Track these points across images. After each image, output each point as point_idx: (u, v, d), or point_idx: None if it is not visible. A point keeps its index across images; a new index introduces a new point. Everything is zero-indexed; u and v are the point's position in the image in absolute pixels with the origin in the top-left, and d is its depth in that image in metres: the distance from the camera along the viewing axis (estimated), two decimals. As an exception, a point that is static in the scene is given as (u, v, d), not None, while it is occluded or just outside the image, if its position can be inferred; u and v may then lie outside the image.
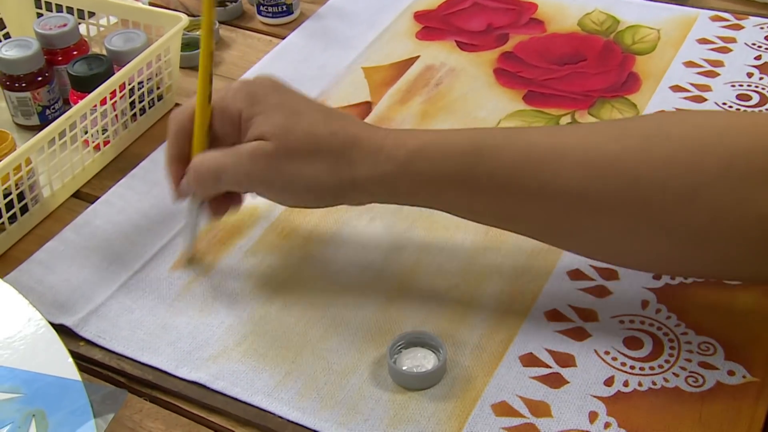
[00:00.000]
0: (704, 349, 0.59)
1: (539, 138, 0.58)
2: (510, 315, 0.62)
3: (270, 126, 0.59)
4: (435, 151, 0.58)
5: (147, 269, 0.67)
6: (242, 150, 0.60)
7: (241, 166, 0.60)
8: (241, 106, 0.60)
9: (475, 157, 0.57)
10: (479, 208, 0.59)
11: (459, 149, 0.58)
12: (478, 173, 0.57)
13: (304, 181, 0.59)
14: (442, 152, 0.58)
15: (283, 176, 0.59)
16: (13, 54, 0.78)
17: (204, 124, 0.62)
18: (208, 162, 0.61)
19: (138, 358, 0.61)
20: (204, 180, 0.61)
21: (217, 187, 0.62)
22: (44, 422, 0.53)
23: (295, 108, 0.60)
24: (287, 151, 0.59)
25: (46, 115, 0.81)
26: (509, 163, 0.57)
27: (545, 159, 0.56)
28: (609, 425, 0.55)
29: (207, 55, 0.62)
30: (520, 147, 0.57)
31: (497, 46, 0.89)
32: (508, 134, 0.59)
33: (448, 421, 0.56)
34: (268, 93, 0.61)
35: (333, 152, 0.59)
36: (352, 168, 0.58)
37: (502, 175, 0.57)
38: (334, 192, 0.60)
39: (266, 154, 0.59)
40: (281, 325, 0.63)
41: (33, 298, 0.64)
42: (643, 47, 0.88)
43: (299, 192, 0.60)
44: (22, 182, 0.70)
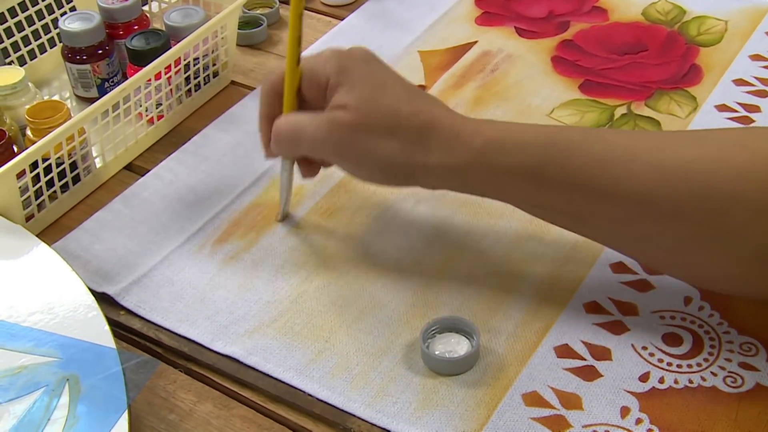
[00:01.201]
0: (746, 349, 0.58)
1: (615, 138, 0.57)
2: (548, 305, 0.62)
3: (353, 97, 0.59)
4: (510, 143, 0.57)
5: (191, 243, 0.68)
6: (322, 117, 0.60)
7: (318, 133, 0.60)
8: (329, 73, 0.61)
9: (549, 152, 0.56)
10: (549, 204, 0.58)
11: (534, 143, 0.57)
12: (551, 168, 0.56)
13: (376, 157, 0.59)
14: (517, 145, 0.57)
15: (357, 150, 0.59)
16: (75, 26, 0.80)
17: (293, 86, 0.62)
18: (288, 124, 0.62)
19: (175, 329, 0.62)
20: (283, 141, 0.63)
21: (295, 150, 0.63)
22: (77, 386, 0.54)
23: (382, 82, 0.60)
24: (366, 125, 0.59)
25: (105, 87, 0.82)
26: (583, 161, 0.56)
27: (619, 159, 0.55)
28: (641, 421, 0.54)
29: (296, 17, 0.62)
30: (595, 145, 0.56)
31: (557, 33, 0.88)
32: (584, 132, 0.58)
33: (477, 408, 0.56)
34: (358, 64, 0.61)
35: (410, 133, 0.58)
36: (427, 152, 0.58)
37: (574, 172, 0.56)
38: (405, 173, 0.60)
39: (344, 125, 0.59)
40: (318, 303, 0.63)
41: (78, 265, 0.66)
42: (708, 38, 0.86)
43: (370, 168, 0.60)
44: (74, 152, 0.71)
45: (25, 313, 0.58)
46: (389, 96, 0.59)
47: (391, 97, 0.59)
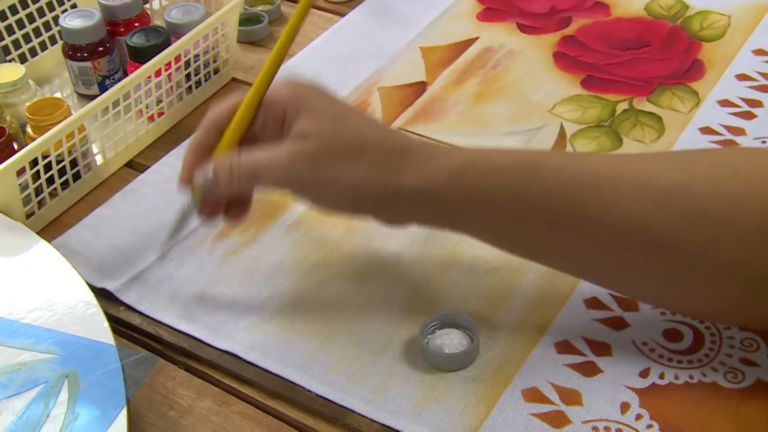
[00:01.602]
0: (747, 345, 0.58)
1: (600, 161, 0.55)
2: (548, 301, 0.61)
3: (315, 125, 0.56)
4: (489, 164, 0.54)
5: (191, 238, 0.68)
6: (283, 149, 0.56)
7: (279, 165, 0.56)
8: (287, 102, 0.57)
9: (531, 174, 0.54)
10: (529, 233, 0.55)
11: (514, 164, 0.54)
12: (533, 191, 0.53)
13: (344, 183, 0.55)
14: (497, 165, 0.54)
15: (323, 178, 0.55)
16: (75, 24, 0.80)
17: (246, 120, 0.59)
18: (247, 159, 0.57)
19: (175, 325, 0.62)
20: (241, 177, 0.57)
21: (254, 184, 0.58)
22: (76, 383, 0.54)
23: (342, 110, 0.57)
24: (330, 152, 0.55)
25: (106, 85, 0.82)
26: (567, 184, 0.53)
27: (606, 182, 0.53)
28: (641, 417, 0.54)
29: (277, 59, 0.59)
30: (580, 168, 0.54)
31: (559, 29, 0.88)
32: (567, 155, 0.56)
33: (477, 403, 0.56)
34: (315, 92, 0.58)
35: (380, 155, 0.55)
36: (399, 175, 0.55)
37: (559, 195, 0.53)
38: (375, 199, 0.56)
39: (307, 154, 0.55)
40: (318, 299, 0.63)
41: (78, 261, 0.65)
42: (711, 33, 0.85)
43: (337, 196, 0.56)
44: (75, 149, 0.71)
45: (25, 310, 0.58)
46: (352, 123, 0.56)
47: (355, 122, 0.56)
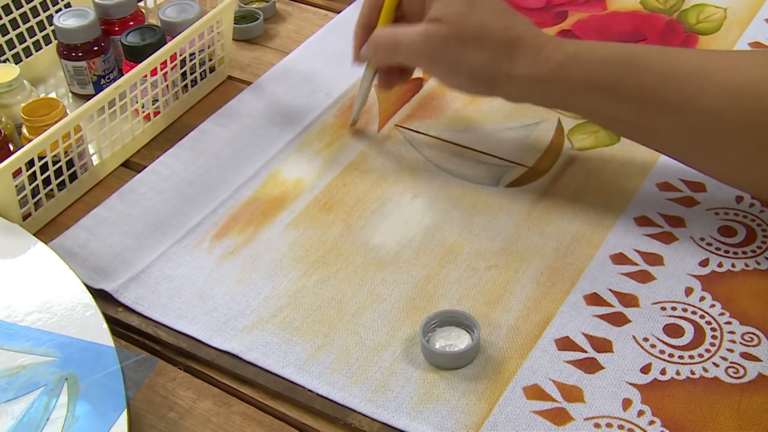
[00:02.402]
0: (748, 339, 0.57)
1: (690, 57, 0.61)
2: (548, 297, 0.61)
3: (449, 11, 0.64)
4: (589, 58, 0.61)
5: (188, 238, 0.68)
6: (419, 29, 0.66)
7: (415, 43, 0.66)
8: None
9: (626, 67, 0.60)
10: (623, 117, 0.62)
11: (612, 58, 0.61)
12: (626, 82, 0.60)
13: (467, 65, 0.64)
14: (595, 59, 0.61)
15: (450, 58, 0.65)
16: (70, 23, 0.79)
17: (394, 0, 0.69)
18: (388, 34, 0.68)
19: (174, 326, 0.62)
20: (381, 50, 0.69)
21: (391, 58, 0.69)
22: (76, 386, 0.53)
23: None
24: (458, 37, 0.64)
25: (101, 84, 0.82)
26: (657, 76, 0.60)
27: (691, 75, 0.59)
28: (643, 413, 0.54)
29: None
30: (670, 62, 0.60)
31: (555, 23, 0.87)
32: (661, 50, 0.62)
33: (478, 401, 0.55)
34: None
35: (498, 45, 0.63)
36: (512, 63, 0.63)
37: (648, 86, 0.60)
38: (490, 81, 0.64)
39: (438, 37, 0.65)
40: (317, 298, 0.63)
41: (76, 263, 0.65)
42: (707, 27, 0.85)
43: (459, 75, 0.66)
44: (71, 149, 0.71)
45: (23, 313, 0.58)
46: (480, 11, 0.64)
47: (481, 12, 0.64)
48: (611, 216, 0.67)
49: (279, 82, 0.83)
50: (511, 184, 0.70)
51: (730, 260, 0.62)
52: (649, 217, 0.66)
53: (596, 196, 0.68)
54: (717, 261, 0.62)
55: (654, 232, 0.65)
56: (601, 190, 0.69)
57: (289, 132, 0.77)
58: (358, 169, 0.73)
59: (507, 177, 0.71)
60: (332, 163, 0.74)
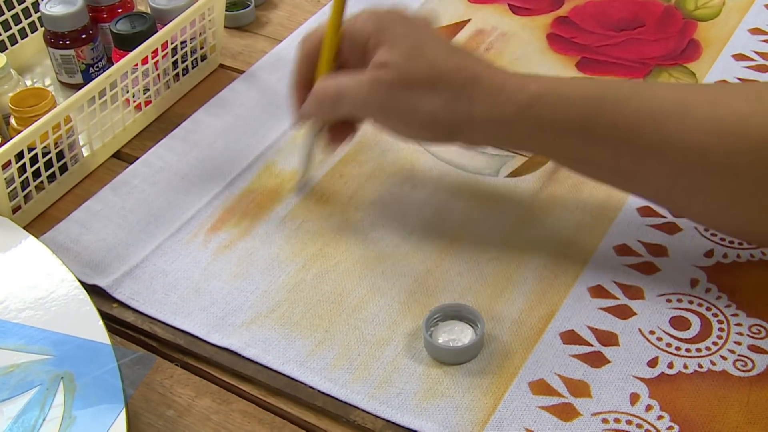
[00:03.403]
0: (755, 332, 0.57)
1: (666, 92, 0.57)
2: (552, 290, 0.60)
3: (394, 55, 0.59)
4: (557, 97, 0.57)
5: (183, 232, 0.66)
6: (363, 77, 0.60)
7: (360, 92, 0.60)
8: (369, 32, 0.61)
9: (598, 106, 0.56)
10: (596, 160, 0.58)
11: (582, 97, 0.56)
12: (599, 123, 0.56)
13: (420, 114, 0.59)
14: (563, 99, 0.57)
15: (400, 107, 0.59)
16: (57, 10, 0.77)
17: (332, 48, 0.62)
18: (329, 85, 0.62)
19: (170, 322, 0.60)
20: (324, 103, 0.62)
21: (336, 112, 0.63)
22: (72, 385, 0.52)
23: (421, 40, 0.60)
24: (407, 82, 0.58)
25: (90, 73, 0.80)
26: (633, 115, 0.55)
27: (671, 113, 0.55)
28: (651, 408, 0.53)
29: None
30: (646, 99, 0.56)
31: (552, 10, 0.86)
32: (634, 86, 0.58)
33: (483, 397, 0.54)
34: (397, 23, 0.61)
35: (453, 87, 0.58)
36: (471, 106, 0.58)
37: (624, 126, 0.55)
38: (449, 128, 0.59)
39: (386, 83, 0.59)
40: (316, 292, 0.61)
41: (68, 257, 0.64)
42: (706, 13, 0.84)
43: (414, 124, 0.60)
44: (61, 141, 0.69)
45: (15, 310, 0.56)
46: (430, 52, 0.59)
47: (431, 53, 0.59)
48: (613, 206, 0.66)
49: (272, 70, 0.81)
50: (511, 174, 0.69)
51: (735, 251, 0.62)
52: (652, 207, 0.65)
53: (597, 186, 0.67)
54: (722, 252, 0.62)
55: (657, 223, 0.64)
56: (597, 181, 0.68)
57: (283, 122, 0.75)
58: (354, 160, 0.72)
59: (507, 167, 0.69)
60: (328, 154, 0.72)
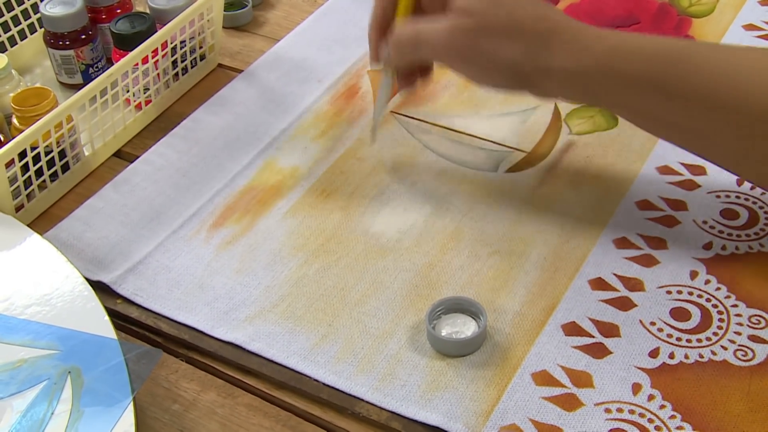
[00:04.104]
0: (755, 322, 0.57)
1: (745, 54, 0.57)
2: (553, 282, 0.61)
3: (475, 2, 0.59)
4: (635, 50, 0.57)
5: (185, 228, 0.67)
6: (444, 23, 0.60)
7: (441, 39, 0.60)
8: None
9: (675, 62, 0.56)
10: (669, 117, 0.57)
11: (660, 52, 0.56)
12: (675, 79, 0.56)
13: (499, 61, 0.59)
14: (641, 53, 0.57)
15: (480, 53, 0.59)
16: (57, 11, 0.78)
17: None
18: (410, 30, 0.62)
19: (174, 317, 0.61)
20: (403, 47, 0.62)
21: (414, 55, 0.63)
22: (80, 379, 0.52)
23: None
24: (488, 30, 0.59)
25: (90, 73, 0.80)
26: (708, 74, 0.55)
27: (749, 75, 0.55)
28: (653, 398, 0.54)
29: None
30: (724, 59, 0.56)
31: (547, 8, 0.87)
32: (713, 47, 0.59)
33: (486, 388, 0.55)
34: None
35: (533, 36, 0.58)
36: (550, 56, 0.58)
37: (700, 84, 0.55)
38: (526, 77, 0.59)
39: (467, 30, 0.59)
40: (319, 287, 0.62)
41: (72, 254, 0.64)
42: (700, 9, 0.85)
43: (492, 71, 0.60)
44: (63, 140, 0.69)
45: (22, 306, 0.57)
46: (509, 1, 0.59)
47: (510, 2, 0.59)
48: (612, 200, 0.66)
49: (270, 69, 0.82)
50: (511, 169, 0.70)
51: (734, 243, 0.62)
52: (651, 201, 0.66)
53: (596, 180, 0.68)
54: (720, 244, 0.62)
55: (656, 216, 0.65)
56: (601, 175, 0.68)
57: (282, 120, 0.76)
58: (354, 157, 0.72)
59: (506, 162, 0.70)
60: (328, 150, 0.73)
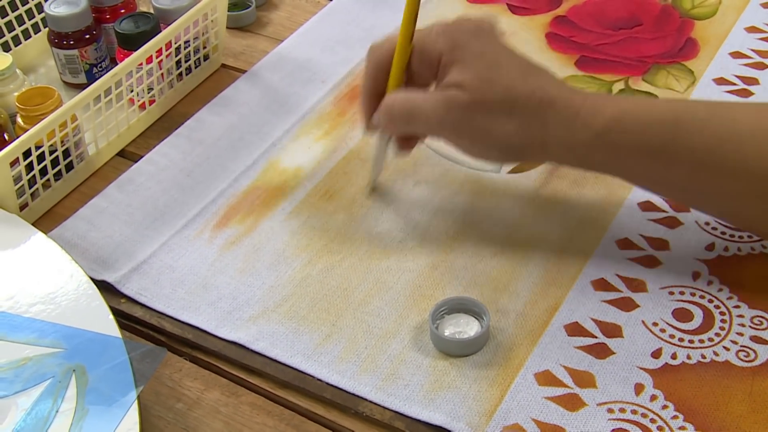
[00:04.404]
0: (757, 323, 0.58)
1: (744, 115, 0.56)
2: (556, 283, 0.61)
3: (468, 76, 0.58)
4: (633, 121, 0.56)
5: (189, 228, 0.67)
6: (437, 96, 0.59)
7: (434, 112, 0.59)
8: (441, 49, 0.60)
9: (675, 129, 0.56)
10: (671, 181, 0.58)
11: (659, 120, 0.56)
12: (677, 146, 0.55)
13: (493, 136, 0.58)
14: (641, 122, 0.56)
15: (475, 129, 0.59)
16: (61, 11, 0.78)
17: (403, 61, 0.62)
18: (402, 102, 0.61)
19: (178, 316, 0.61)
20: (396, 119, 0.62)
21: (407, 128, 0.63)
22: (84, 377, 0.53)
23: (496, 60, 0.59)
24: (483, 104, 0.58)
25: (93, 73, 0.80)
26: (711, 138, 0.55)
27: (749, 136, 0.55)
28: (655, 398, 0.54)
29: None
30: (723, 122, 0.56)
31: (550, 9, 0.87)
32: (710, 108, 0.57)
33: (489, 388, 0.55)
34: (470, 39, 0.60)
35: (528, 112, 0.58)
36: (546, 131, 0.57)
37: (702, 149, 0.55)
38: (522, 151, 0.59)
39: (461, 104, 0.58)
40: (322, 287, 0.62)
41: (76, 253, 0.64)
42: (702, 11, 0.85)
43: (486, 146, 0.60)
44: (67, 139, 0.70)
45: (26, 304, 0.57)
46: (505, 74, 0.58)
47: (506, 75, 0.58)
48: (614, 201, 0.66)
49: (274, 70, 0.82)
50: (514, 170, 0.70)
51: (736, 244, 0.62)
52: (653, 202, 0.66)
53: (598, 181, 0.68)
54: (723, 245, 0.62)
55: (658, 217, 0.65)
56: (604, 176, 0.68)
57: (286, 120, 0.76)
58: (358, 158, 0.72)
59: (509, 164, 0.70)
60: (332, 151, 0.73)
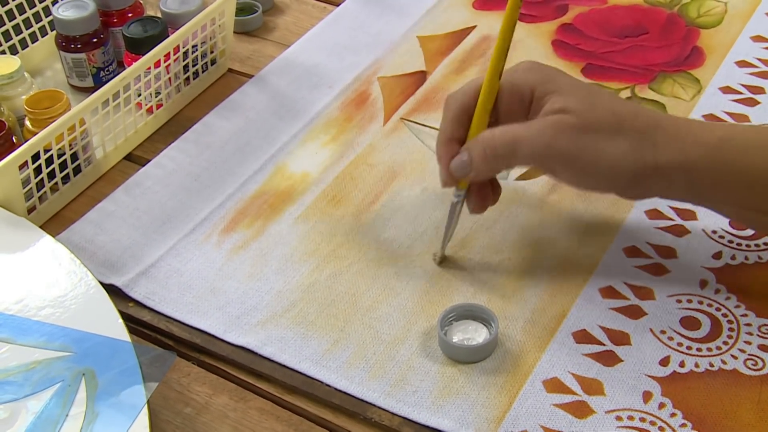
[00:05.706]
0: (765, 331, 0.58)
1: None
2: (563, 290, 0.61)
3: (571, 101, 0.57)
4: (747, 141, 0.55)
5: (197, 232, 0.67)
6: (543, 123, 0.57)
7: (541, 138, 0.57)
8: (533, 83, 0.59)
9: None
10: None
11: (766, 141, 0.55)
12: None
13: (605, 160, 0.56)
14: (751, 143, 0.55)
15: (584, 152, 0.56)
16: (69, 14, 0.78)
17: (490, 99, 0.59)
18: (502, 134, 0.58)
19: (186, 321, 0.61)
20: (498, 152, 0.58)
21: (510, 162, 0.59)
22: (94, 381, 0.53)
23: (592, 89, 0.59)
24: (591, 126, 0.56)
25: (101, 77, 0.81)
26: None
27: None
28: (663, 406, 0.54)
29: (508, 29, 0.59)
30: None
31: (556, 17, 0.87)
32: None
33: (498, 395, 0.55)
34: (560, 74, 0.59)
35: (636, 131, 0.56)
36: (656, 151, 0.56)
37: None
38: (633, 176, 0.56)
39: (570, 126, 0.56)
40: (330, 292, 0.62)
41: (83, 257, 0.64)
42: (708, 20, 0.85)
43: (594, 173, 0.57)
44: (75, 143, 0.70)
45: (35, 308, 0.57)
46: (605, 99, 0.58)
47: (607, 99, 0.58)
48: (622, 209, 0.67)
49: (281, 74, 0.82)
50: (521, 177, 0.70)
51: (743, 253, 0.63)
52: (660, 210, 0.66)
53: (606, 189, 0.68)
54: (730, 254, 0.63)
55: (666, 225, 0.65)
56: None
57: (293, 125, 0.76)
58: (365, 163, 0.72)
59: (516, 170, 0.70)
60: (339, 156, 0.73)
